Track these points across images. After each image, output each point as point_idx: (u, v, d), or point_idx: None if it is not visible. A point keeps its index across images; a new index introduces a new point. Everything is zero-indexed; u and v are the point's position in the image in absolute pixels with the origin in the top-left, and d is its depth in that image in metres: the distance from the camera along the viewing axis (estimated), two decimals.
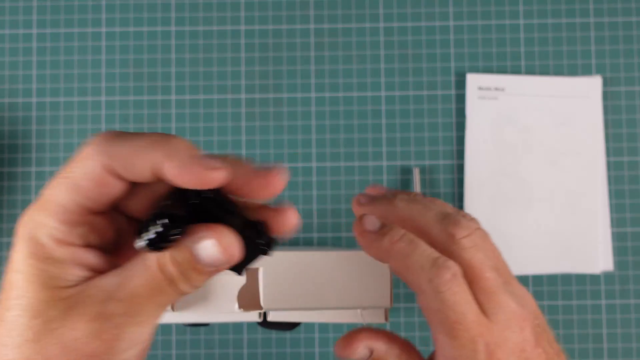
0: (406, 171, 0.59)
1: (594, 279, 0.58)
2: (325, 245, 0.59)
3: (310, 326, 0.57)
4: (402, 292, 0.58)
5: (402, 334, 0.57)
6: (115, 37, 0.61)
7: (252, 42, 0.61)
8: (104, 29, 0.61)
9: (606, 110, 0.59)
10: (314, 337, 0.57)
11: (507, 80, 0.59)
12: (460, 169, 0.59)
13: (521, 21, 0.60)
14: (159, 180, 0.24)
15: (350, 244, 0.58)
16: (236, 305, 0.40)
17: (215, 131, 0.60)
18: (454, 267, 0.28)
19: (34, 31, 0.61)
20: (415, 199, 0.31)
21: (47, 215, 0.24)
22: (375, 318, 0.52)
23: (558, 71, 0.60)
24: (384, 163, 0.59)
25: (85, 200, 0.24)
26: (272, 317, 0.45)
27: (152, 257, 0.24)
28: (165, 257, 0.24)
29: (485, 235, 0.30)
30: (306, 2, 0.61)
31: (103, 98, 0.60)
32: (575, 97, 0.59)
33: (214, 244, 0.24)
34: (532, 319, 0.28)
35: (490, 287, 0.28)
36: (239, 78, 0.60)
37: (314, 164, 0.59)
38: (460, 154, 0.59)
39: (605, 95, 0.59)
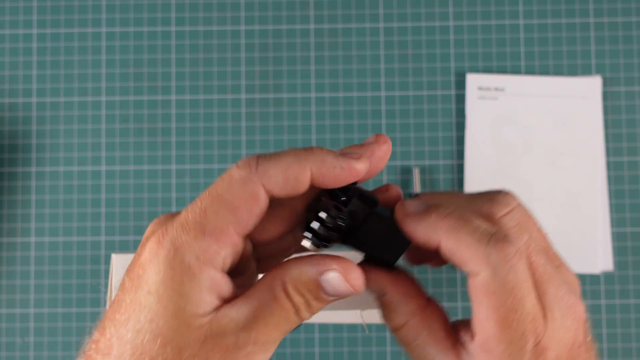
0: (406, 171, 0.59)
1: (593, 278, 0.58)
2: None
3: (310, 326, 0.58)
4: None
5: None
6: (115, 37, 0.61)
7: (252, 42, 0.61)
8: (104, 29, 0.61)
9: (606, 110, 0.59)
10: (314, 337, 0.57)
11: (507, 80, 0.59)
12: (460, 169, 0.59)
13: (521, 21, 0.60)
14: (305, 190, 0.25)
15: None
16: None
17: (215, 131, 0.60)
18: (518, 242, 0.25)
19: (34, 31, 0.61)
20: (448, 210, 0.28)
21: (195, 236, 0.23)
22: (375, 318, 0.52)
23: (558, 71, 0.60)
24: None
25: (238, 222, 0.24)
26: None
27: (279, 287, 0.25)
28: (291, 287, 0.25)
29: (527, 212, 0.27)
30: (306, 2, 0.61)
31: (103, 98, 0.60)
32: (575, 97, 0.59)
33: (339, 278, 0.25)
34: (584, 316, 0.26)
35: (542, 274, 0.25)
36: (239, 78, 0.60)
37: None
38: (460, 154, 0.59)
39: (605, 96, 0.59)
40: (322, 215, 0.25)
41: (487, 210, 0.26)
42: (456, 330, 0.27)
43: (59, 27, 0.61)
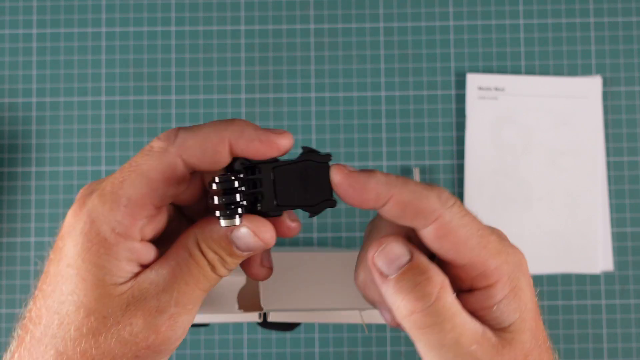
0: (406, 171, 0.59)
1: (593, 278, 0.58)
2: (325, 245, 0.59)
3: (310, 326, 0.58)
4: None
5: (402, 334, 0.57)
6: (115, 37, 0.61)
7: (252, 42, 0.61)
8: (103, 29, 0.61)
9: (606, 110, 0.59)
10: (314, 337, 0.57)
11: (507, 80, 0.59)
12: (460, 169, 0.59)
13: (521, 21, 0.60)
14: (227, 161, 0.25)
15: (350, 245, 0.58)
16: (236, 306, 0.40)
17: None
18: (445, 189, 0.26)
19: (34, 31, 0.61)
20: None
21: (111, 208, 0.24)
22: (376, 319, 0.52)
23: (558, 71, 0.60)
24: (384, 163, 0.59)
25: (154, 193, 0.24)
26: (272, 318, 0.45)
27: (193, 245, 0.25)
28: (204, 245, 0.25)
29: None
30: (306, 2, 0.61)
31: (103, 98, 0.60)
32: (575, 97, 0.59)
33: (249, 233, 0.25)
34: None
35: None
36: (239, 78, 0.60)
37: None
38: (460, 154, 0.59)
39: (605, 95, 0.59)
40: (214, 185, 0.24)
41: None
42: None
43: (58, 27, 0.61)
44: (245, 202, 0.25)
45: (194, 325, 0.56)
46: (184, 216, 0.28)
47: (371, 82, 0.60)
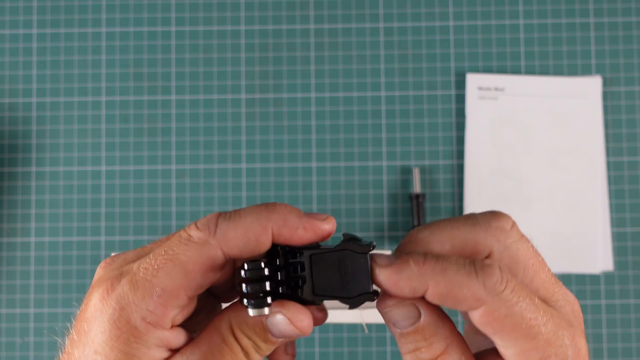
0: (406, 171, 0.59)
1: (593, 278, 0.58)
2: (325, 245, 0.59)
3: None
4: None
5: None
6: (115, 37, 0.61)
7: (252, 42, 0.61)
8: (104, 29, 0.61)
9: (606, 110, 0.59)
10: (314, 337, 0.57)
11: (507, 80, 0.59)
12: (460, 169, 0.59)
13: (521, 21, 0.60)
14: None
15: None
16: None
17: (215, 131, 0.60)
18: (495, 262, 0.24)
19: (34, 31, 0.61)
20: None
21: (144, 296, 0.23)
22: (376, 319, 0.52)
23: (558, 71, 0.60)
24: (384, 163, 0.59)
25: (190, 285, 0.23)
26: None
27: (227, 330, 0.24)
28: (238, 330, 0.24)
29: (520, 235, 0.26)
30: (306, 2, 0.61)
31: (103, 98, 0.60)
32: (575, 97, 0.59)
33: (285, 321, 0.24)
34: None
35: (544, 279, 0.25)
36: (239, 78, 0.60)
37: (314, 164, 0.59)
38: (460, 154, 0.59)
39: (605, 95, 0.59)
40: (242, 273, 0.24)
41: (488, 231, 0.25)
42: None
43: (58, 27, 0.61)
44: (281, 289, 0.24)
45: None
46: (211, 293, 0.28)
47: (371, 82, 0.60)
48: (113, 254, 0.26)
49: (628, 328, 0.57)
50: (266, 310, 0.24)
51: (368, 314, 0.50)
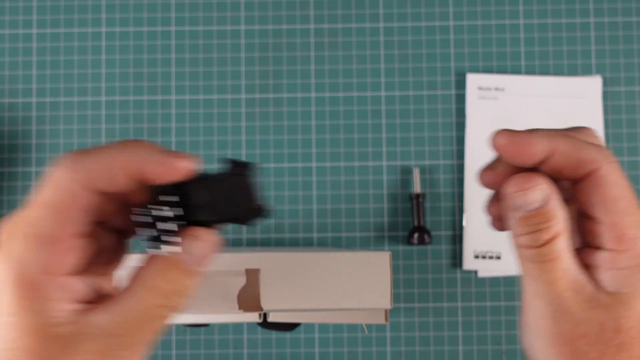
0: (406, 171, 0.59)
1: None
2: (325, 245, 0.59)
3: (310, 326, 0.58)
4: (402, 292, 0.58)
5: (402, 334, 0.57)
6: (115, 37, 0.61)
7: (252, 42, 0.61)
8: (103, 29, 0.61)
9: (606, 110, 0.59)
10: (314, 337, 0.57)
11: (507, 81, 0.59)
12: (460, 168, 0.59)
13: (521, 21, 0.60)
14: (132, 185, 0.25)
15: (350, 244, 0.58)
16: (236, 306, 0.40)
17: (215, 131, 0.60)
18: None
19: (34, 31, 0.61)
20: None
21: (35, 249, 0.23)
22: (375, 319, 0.52)
23: (558, 71, 0.60)
24: (384, 163, 0.59)
25: (71, 223, 0.24)
26: (272, 318, 0.45)
27: (144, 287, 0.25)
28: (163, 281, 0.25)
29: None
30: (306, 2, 0.61)
31: (103, 98, 0.60)
32: (575, 97, 0.59)
33: (200, 244, 0.25)
34: None
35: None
36: (239, 78, 0.60)
37: (314, 164, 0.59)
38: (460, 154, 0.59)
39: (605, 95, 0.59)
40: (135, 218, 0.24)
41: (579, 132, 0.28)
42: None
43: (58, 27, 0.61)
44: (176, 223, 0.25)
45: (194, 326, 0.56)
46: (114, 231, 0.28)
47: (371, 82, 0.60)
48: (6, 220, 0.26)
49: None
50: (167, 247, 0.24)
51: (368, 314, 0.50)
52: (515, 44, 0.60)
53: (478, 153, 0.59)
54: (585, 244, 0.27)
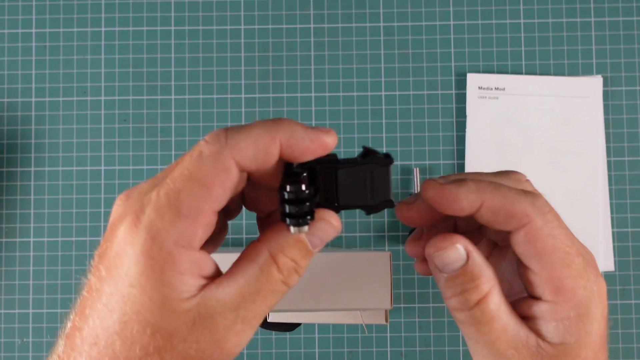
0: (406, 171, 0.59)
1: None
2: (326, 246, 0.58)
3: (310, 327, 0.57)
4: (402, 292, 0.58)
5: (402, 335, 0.57)
6: (115, 36, 0.60)
7: (252, 42, 0.60)
8: (103, 28, 0.61)
9: (607, 109, 0.59)
10: (314, 337, 0.57)
11: (508, 80, 0.59)
12: (461, 168, 0.59)
13: (522, 20, 0.60)
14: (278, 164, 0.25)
15: (350, 245, 0.58)
16: None
17: None
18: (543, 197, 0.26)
19: (33, 30, 0.60)
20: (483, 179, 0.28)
21: (172, 220, 0.23)
22: (376, 319, 0.52)
23: (559, 71, 0.60)
24: None
25: (213, 200, 0.23)
26: (272, 318, 0.45)
27: (266, 260, 0.25)
28: (282, 254, 0.25)
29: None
30: (306, 1, 0.61)
31: (102, 97, 0.60)
32: (575, 97, 0.59)
33: (325, 225, 0.25)
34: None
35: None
36: (239, 77, 0.60)
37: None
38: (461, 154, 0.59)
39: (606, 95, 0.59)
40: (286, 195, 0.25)
41: (509, 179, 0.27)
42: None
43: (58, 26, 0.61)
44: (306, 208, 0.25)
45: None
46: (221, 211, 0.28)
47: (371, 81, 0.60)
48: (126, 191, 0.25)
49: (629, 328, 0.57)
50: (306, 228, 0.25)
51: (368, 314, 0.50)
52: (516, 43, 0.60)
53: (478, 153, 0.59)
54: (527, 293, 0.27)
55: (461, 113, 0.59)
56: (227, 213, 0.28)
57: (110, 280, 0.23)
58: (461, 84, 0.60)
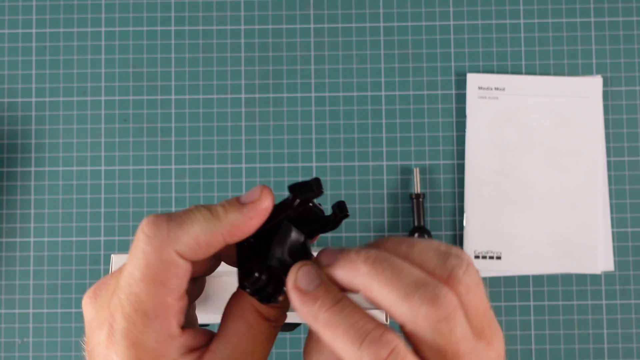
0: (406, 171, 0.59)
1: (594, 279, 0.57)
2: (326, 245, 0.58)
3: None
4: None
5: (402, 334, 0.57)
6: (115, 36, 0.60)
7: (252, 42, 0.60)
8: (103, 29, 0.61)
9: (607, 110, 0.59)
10: None
11: (508, 80, 0.59)
12: (460, 168, 0.59)
13: (522, 20, 0.60)
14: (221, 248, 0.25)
15: (350, 245, 0.58)
16: None
17: (215, 131, 0.59)
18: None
19: (34, 30, 0.61)
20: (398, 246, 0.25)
21: (145, 322, 0.23)
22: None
23: (559, 71, 0.60)
24: (384, 163, 0.59)
25: (173, 291, 0.24)
26: None
27: (252, 315, 0.25)
28: (264, 307, 0.25)
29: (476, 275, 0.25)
30: (306, 1, 0.61)
31: (102, 98, 0.60)
32: (575, 97, 0.59)
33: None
34: None
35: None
36: (239, 77, 0.60)
37: (314, 164, 0.59)
38: (461, 154, 0.59)
39: (606, 95, 0.59)
40: (248, 291, 0.24)
41: (429, 259, 0.24)
42: None
43: (58, 27, 0.61)
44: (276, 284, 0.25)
45: None
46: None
47: (371, 81, 0.60)
48: (93, 287, 0.26)
49: (629, 328, 0.57)
50: (280, 298, 0.25)
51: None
52: (516, 43, 0.60)
53: (478, 153, 0.59)
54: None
55: (461, 113, 0.59)
56: (207, 270, 0.28)
57: None
58: (461, 84, 0.60)
